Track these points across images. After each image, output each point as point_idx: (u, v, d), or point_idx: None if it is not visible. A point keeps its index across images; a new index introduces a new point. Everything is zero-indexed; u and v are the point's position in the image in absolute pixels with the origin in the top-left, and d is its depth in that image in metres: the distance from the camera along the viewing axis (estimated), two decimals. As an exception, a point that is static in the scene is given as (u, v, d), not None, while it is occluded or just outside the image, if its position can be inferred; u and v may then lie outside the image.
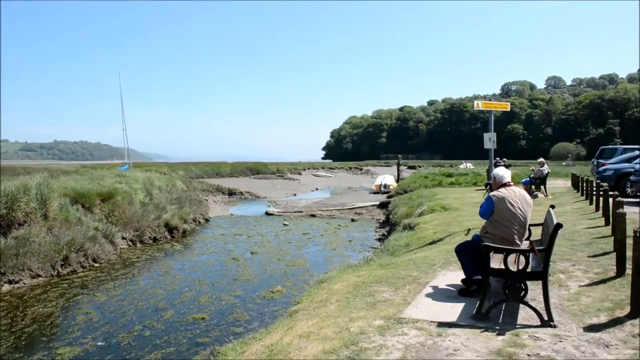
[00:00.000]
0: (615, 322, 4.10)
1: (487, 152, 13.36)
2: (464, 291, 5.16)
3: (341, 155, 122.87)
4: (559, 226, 4.21)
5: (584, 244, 7.38)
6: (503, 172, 5.27)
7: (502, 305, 4.56)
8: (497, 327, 4.13)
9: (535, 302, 4.48)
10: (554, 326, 4.08)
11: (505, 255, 4.36)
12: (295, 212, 23.70)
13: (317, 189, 40.28)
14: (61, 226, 12.18)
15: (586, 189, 13.70)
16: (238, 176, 41.86)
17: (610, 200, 7.71)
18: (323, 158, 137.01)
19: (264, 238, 16.21)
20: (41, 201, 12.33)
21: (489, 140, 12.90)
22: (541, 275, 4.27)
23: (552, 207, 5.38)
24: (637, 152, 16.12)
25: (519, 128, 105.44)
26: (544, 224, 5.43)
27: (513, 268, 4.36)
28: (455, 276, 5.89)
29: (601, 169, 15.58)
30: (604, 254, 6.57)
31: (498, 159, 18.11)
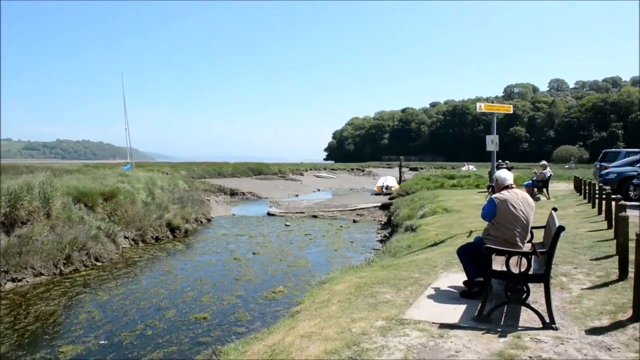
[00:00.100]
0: (617, 326, 4.09)
1: (489, 154, 13.36)
2: (465, 293, 5.17)
3: (343, 156, 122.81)
4: (562, 229, 4.21)
5: (586, 247, 7.37)
6: (505, 175, 5.27)
7: (504, 308, 4.56)
8: (499, 329, 4.13)
9: (537, 305, 4.47)
10: (556, 329, 4.08)
11: (507, 258, 4.37)
12: (297, 212, 23.72)
13: (319, 189, 40.30)
14: (64, 225, 12.22)
15: (589, 192, 13.69)
16: (240, 176, 41.85)
17: (613, 203, 7.72)
18: (325, 159, 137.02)
19: (266, 238, 16.23)
20: (44, 200, 12.38)
21: (491, 143, 12.89)
22: (543, 277, 4.27)
23: (554, 209, 5.39)
24: None
25: (522, 130, 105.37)
26: (546, 226, 5.43)
27: (515, 270, 4.37)
28: (457, 278, 5.89)
29: (604, 172, 15.57)
30: (607, 257, 6.57)
31: (500, 161, 18.11)
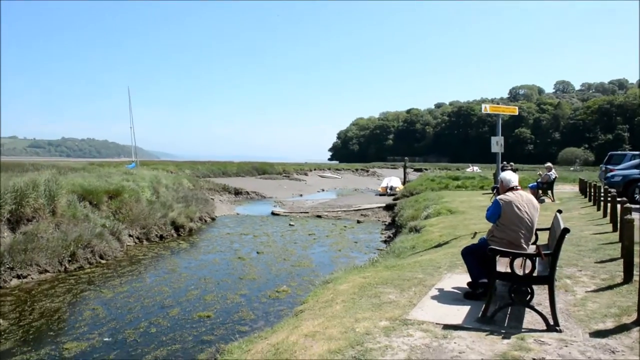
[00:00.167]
0: (621, 329, 4.08)
1: (494, 155, 13.34)
2: (469, 294, 5.17)
3: (348, 156, 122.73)
4: (566, 231, 4.20)
5: (591, 250, 7.35)
6: (510, 176, 5.27)
7: (508, 309, 4.56)
8: (503, 331, 4.13)
9: (541, 307, 4.47)
10: (560, 331, 4.08)
11: (511, 259, 4.36)
12: (301, 212, 23.73)
13: (323, 190, 40.26)
14: (69, 222, 12.28)
15: (594, 194, 13.62)
16: (244, 176, 41.93)
17: (618, 206, 7.68)
18: (329, 159, 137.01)
19: (270, 238, 16.26)
20: (49, 197, 12.44)
21: (496, 144, 12.88)
22: (547, 279, 4.26)
23: (559, 212, 5.37)
24: None
25: (527, 132, 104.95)
26: (551, 228, 5.42)
27: (519, 272, 4.36)
28: (461, 279, 5.89)
29: (609, 174, 15.48)
30: (611, 260, 6.54)
31: (505, 163, 18.06)
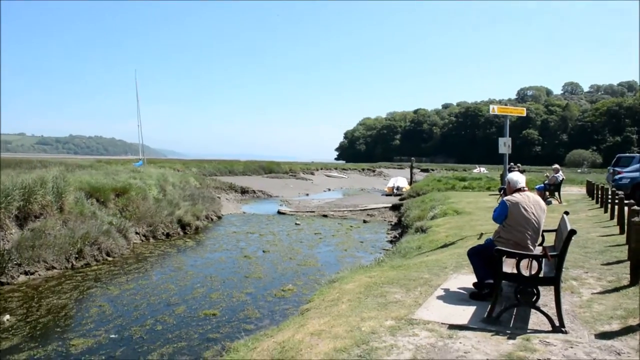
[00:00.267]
0: (627, 331, 4.07)
1: (501, 157, 13.26)
2: (475, 295, 5.17)
3: (354, 156, 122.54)
4: (573, 232, 4.20)
5: (597, 252, 7.32)
6: (517, 177, 5.26)
7: (514, 310, 4.56)
8: (508, 331, 4.13)
9: (547, 308, 4.47)
10: (565, 332, 4.08)
11: (517, 260, 4.36)
12: (308, 212, 23.75)
13: (329, 189, 40.27)
14: (76, 219, 12.37)
15: (601, 196, 13.55)
16: (251, 175, 42.00)
17: (626, 208, 7.65)
18: (336, 159, 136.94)
19: (276, 237, 16.29)
20: (57, 194, 12.54)
21: (504, 145, 12.80)
22: (553, 280, 4.26)
23: (566, 213, 5.36)
24: None
25: (534, 134, 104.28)
26: (558, 230, 5.41)
27: (525, 273, 4.36)
28: (466, 279, 5.89)
29: (617, 177, 15.40)
30: (618, 262, 6.52)
31: (512, 164, 17.97)
